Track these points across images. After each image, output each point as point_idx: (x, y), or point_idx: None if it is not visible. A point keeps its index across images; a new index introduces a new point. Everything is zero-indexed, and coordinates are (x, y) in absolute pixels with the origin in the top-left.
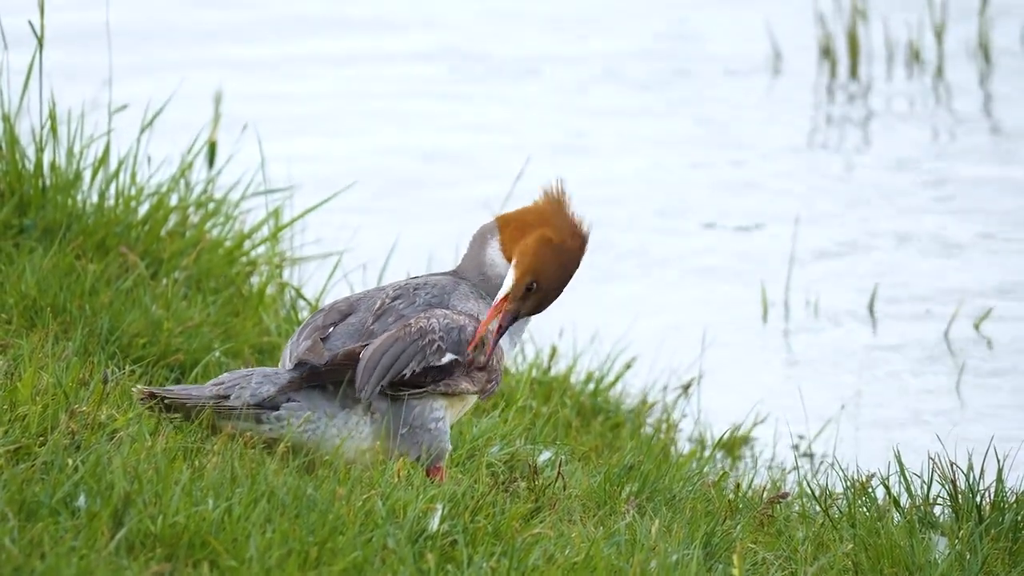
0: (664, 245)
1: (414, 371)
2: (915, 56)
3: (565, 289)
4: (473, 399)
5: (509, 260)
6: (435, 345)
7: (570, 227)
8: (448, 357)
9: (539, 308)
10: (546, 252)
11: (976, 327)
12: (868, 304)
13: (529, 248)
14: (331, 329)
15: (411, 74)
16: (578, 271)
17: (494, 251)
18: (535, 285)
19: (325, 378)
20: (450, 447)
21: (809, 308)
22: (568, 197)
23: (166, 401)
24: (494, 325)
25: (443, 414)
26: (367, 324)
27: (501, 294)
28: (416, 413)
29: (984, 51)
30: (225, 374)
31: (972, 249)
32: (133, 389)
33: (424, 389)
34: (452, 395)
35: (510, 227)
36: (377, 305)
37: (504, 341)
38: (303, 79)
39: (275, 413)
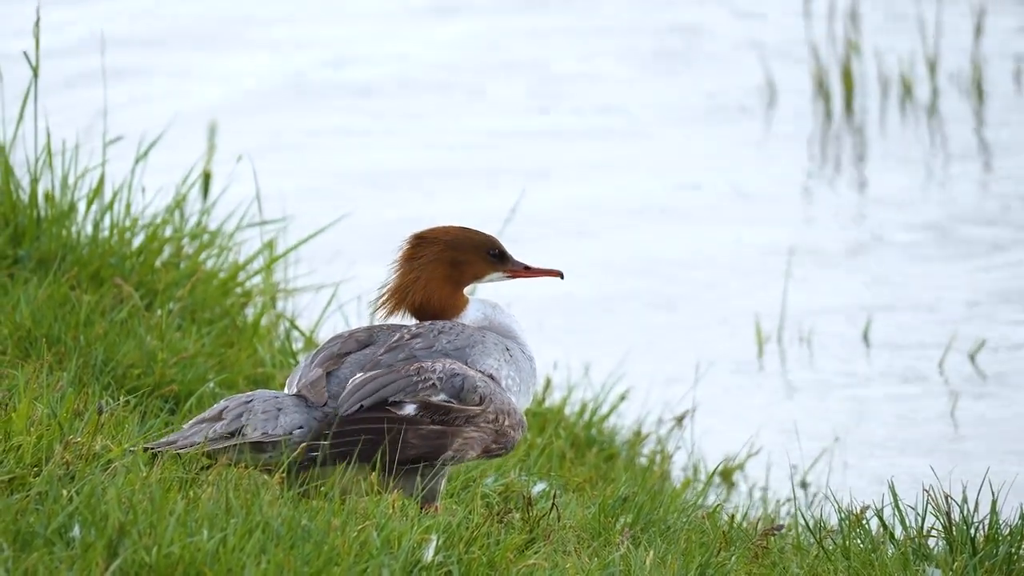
0: (657, 277)
1: (403, 401)
2: (908, 90)
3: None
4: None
5: (463, 304)
6: (430, 383)
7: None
8: (441, 397)
9: (499, 258)
10: (443, 258)
11: (971, 357)
12: (863, 334)
13: (440, 275)
14: (345, 359)
15: (403, 107)
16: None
17: (465, 316)
18: (495, 250)
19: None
20: (444, 485)
21: (803, 340)
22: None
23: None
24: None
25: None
26: (377, 354)
27: (508, 274)
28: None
29: (977, 83)
30: (223, 401)
31: (965, 281)
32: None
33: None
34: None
35: (430, 305)
36: (395, 338)
37: (514, 395)
38: (298, 111)
39: (281, 439)
